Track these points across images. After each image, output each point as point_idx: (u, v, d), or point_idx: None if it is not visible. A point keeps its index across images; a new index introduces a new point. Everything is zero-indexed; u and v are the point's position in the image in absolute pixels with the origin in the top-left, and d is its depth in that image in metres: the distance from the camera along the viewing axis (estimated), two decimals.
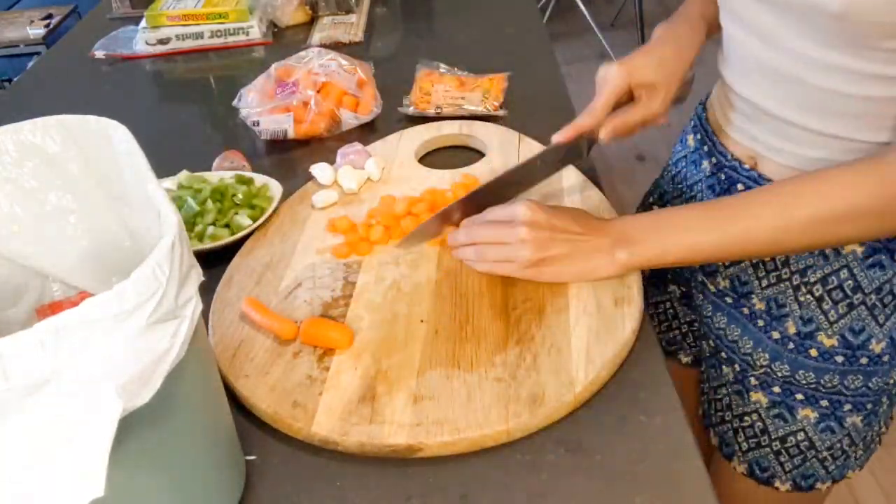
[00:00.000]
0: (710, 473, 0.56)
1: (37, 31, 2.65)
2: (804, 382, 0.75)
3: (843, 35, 0.59)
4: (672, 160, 0.91)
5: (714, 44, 0.79)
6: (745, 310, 0.78)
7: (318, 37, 1.35)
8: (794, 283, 0.74)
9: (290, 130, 1.00)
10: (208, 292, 0.73)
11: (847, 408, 0.75)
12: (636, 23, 3.49)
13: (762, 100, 0.70)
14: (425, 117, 1.03)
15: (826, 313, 0.72)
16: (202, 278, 0.45)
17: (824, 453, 0.78)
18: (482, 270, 0.71)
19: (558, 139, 0.76)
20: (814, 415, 0.76)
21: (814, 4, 0.58)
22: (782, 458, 0.79)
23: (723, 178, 0.78)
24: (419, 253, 0.76)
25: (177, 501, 0.49)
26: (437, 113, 1.03)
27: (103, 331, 0.37)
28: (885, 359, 0.72)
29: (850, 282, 0.71)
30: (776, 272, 0.74)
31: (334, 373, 0.63)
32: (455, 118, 1.01)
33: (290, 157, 1.00)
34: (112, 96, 1.25)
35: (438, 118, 1.02)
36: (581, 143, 0.78)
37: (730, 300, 0.79)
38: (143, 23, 1.37)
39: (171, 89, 1.30)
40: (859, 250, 0.70)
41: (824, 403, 0.75)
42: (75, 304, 0.37)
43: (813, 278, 0.72)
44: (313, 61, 1.06)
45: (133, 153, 0.51)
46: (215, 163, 0.95)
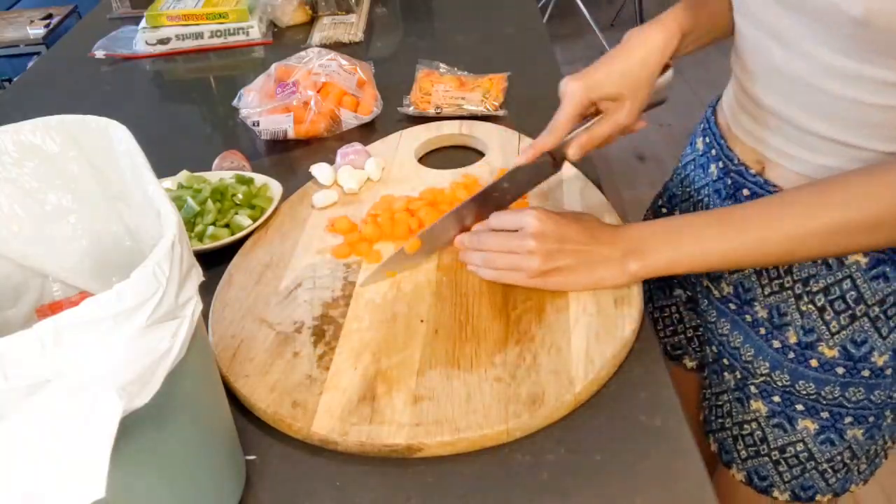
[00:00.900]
0: (713, 480, 0.56)
1: (37, 31, 2.65)
2: (804, 393, 0.74)
3: (864, 42, 0.57)
4: (681, 163, 0.91)
5: (722, 48, 0.77)
6: (748, 317, 0.77)
7: (318, 37, 1.35)
8: (797, 291, 0.73)
9: (290, 130, 1.00)
10: (208, 292, 0.73)
11: (848, 420, 0.74)
12: (636, 23, 3.47)
13: (775, 104, 0.69)
14: (425, 117, 1.03)
15: (827, 324, 0.71)
16: (202, 278, 0.45)
17: (824, 465, 0.77)
18: (488, 278, 0.71)
19: (520, 161, 0.75)
20: (814, 426, 0.75)
21: (836, 8, 0.56)
22: (781, 468, 0.79)
23: (729, 182, 0.77)
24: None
25: (176, 501, 0.49)
26: (437, 113, 1.03)
27: (103, 331, 0.37)
28: (889, 372, 0.71)
29: (852, 293, 0.69)
30: (779, 280, 0.74)
31: (334, 373, 0.63)
32: (455, 118, 1.01)
33: (290, 157, 1.00)
34: (112, 96, 1.26)
35: (438, 118, 1.02)
36: (546, 159, 0.76)
37: (733, 306, 0.79)
38: (143, 23, 1.37)
39: (171, 89, 1.30)
40: (863, 261, 0.68)
41: (825, 415, 0.75)
42: (75, 304, 0.37)
43: (815, 288, 0.71)
44: (313, 61, 1.06)
45: (133, 153, 0.51)
46: (215, 163, 0.95)
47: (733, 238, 0.63)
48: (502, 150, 0.92)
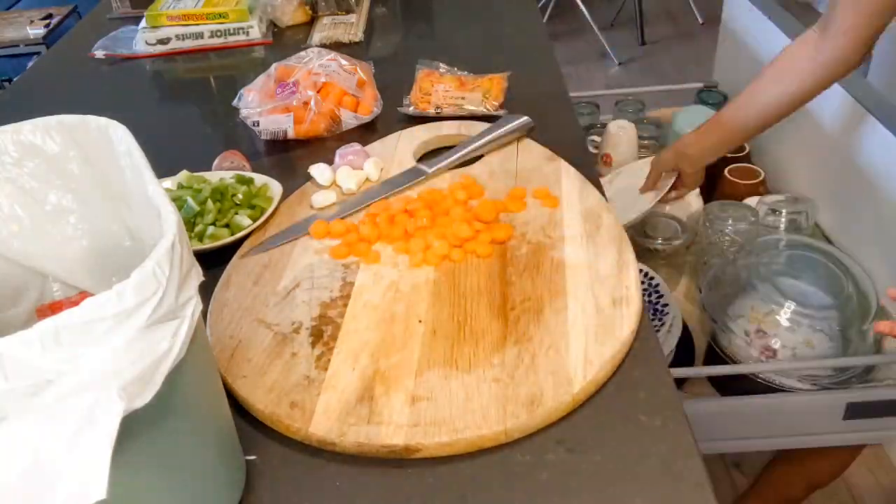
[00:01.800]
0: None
1: (37, 31, 2.65)
2: None
3: None
4: None
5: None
6: None
7: (318, 37, 1.35)
8: None
9: (290, 131, 1.00)
10: (208, 293, 0.73)
11: None
12: (636, 22, 3.49)
13: None
14: (425, 117, 1.03)
15: None
16: (202, 278, 0.45)
17: None
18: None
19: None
20: None
21: None
22: None
23: None
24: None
25: (176, 502, 0.49)
26: (437, 113, 1.03)
27: (103, 331, 0.37)
28: None
29: None
30: None
31: (332, 373, 0.63)
32: (455, 118, 1.01)
33: (289, 156, 1.00)
34: (112, 96, 1.26)
35: (438, 118, 1.02)
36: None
37: None
38: (143, 23, 1.37)
39: (171, 89, 1.30)
40: None
41: None
42: (75, 304, 0.37)
43: None
44: (313, 62, 1.06)
45: (133, 153, 0.51)
46: (215, 163, 0.95)
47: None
48: (501, 150, 0.92)
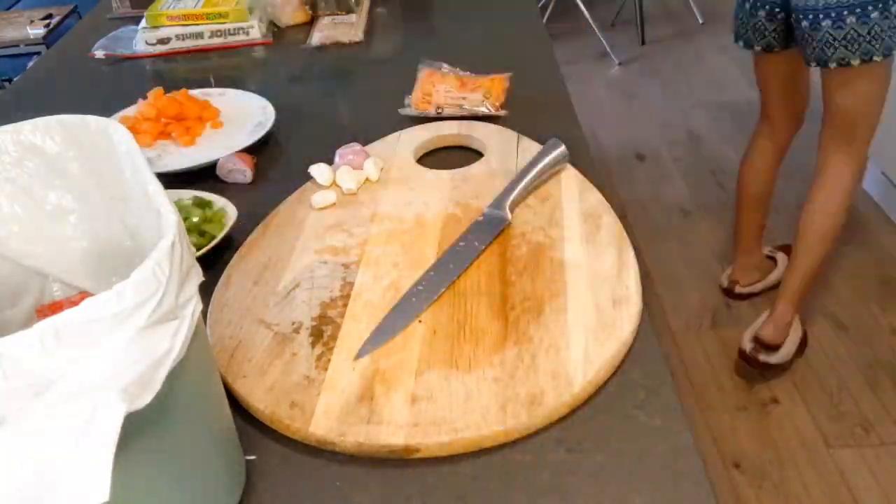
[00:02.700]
0: None
1: (37, 31, 2.65)
2: None
3: None
4: None
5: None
6: None
7: (318, 37, 1.35)
8: None
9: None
10: (208, 293, 0.73)
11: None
12: (636, 23, 3.49)
13: None
14: (426, 118, 1.03)
15: None
16: (202, 278, 0.45)
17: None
18: None
19: None
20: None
21: None
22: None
23: None
24: (417, 253, 0.76)
25: (176, 502, 0.49)
26: (438, 113, 1.03)
27: (103, 331, 0.37)
28: None
29: None
30: None
31: (332, 373, 0.63)
32: (456, 118, 1.01)
33: (290, 156, 1.00)
34: (112, 96, 1.25)
35: (439, 118, 1.02)
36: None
37: None
38: (143, 23, 1.37)
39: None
40: None
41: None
42: (75, 304, 0.37)
43: None
44: None
45: (133, 153, 0.51)
46: (219, 164, 0.95)
47: None
48: (501, 151, 0.92)
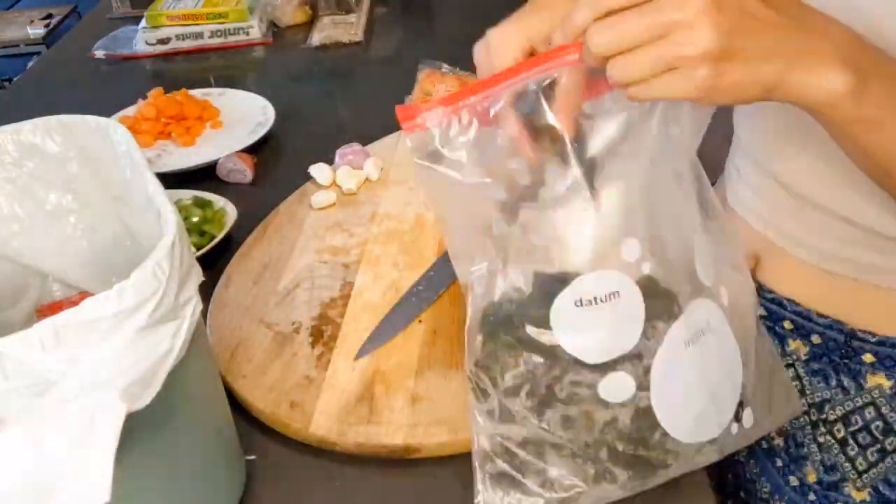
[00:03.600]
0: None
1: (37, 31, 2.65)
2: None
3: None
4: None
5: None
6: (764, 443, 0.67)
7: (318, 37, 1.35)
8: (812, 418, 0.63)
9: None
10: (208, 293, 0.73)
11: None
12: None
13: (790, 173, 0.58)
14: None
15: (852, 460, 0.61)
16: (202, 278, 0.45)
17: None
18: (637, 97, 0.42)
19: None
20: None
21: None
22: None
23: None
24: (417, 253, 0.76)
25: (176, 501, 0.49)
26: None
27: (103, 331, 0.37)
28: None
29: (878, 423, 0.60)
30: None
31: (332, 373, 0.63)
32: None
33: (290, 156, 1.00)
34: (112, 96, 1.25)
35: None
36: None
37: None
38: (143, 23, 1.37)
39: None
40: (886, 385, 0.59)
41: None
42: (75, 304, 0.37)
43: (832, 416, 0.61)
44: None
45: (133, 153, 0.51)
46: (219, 163, 0.95)
47: None
48: None
